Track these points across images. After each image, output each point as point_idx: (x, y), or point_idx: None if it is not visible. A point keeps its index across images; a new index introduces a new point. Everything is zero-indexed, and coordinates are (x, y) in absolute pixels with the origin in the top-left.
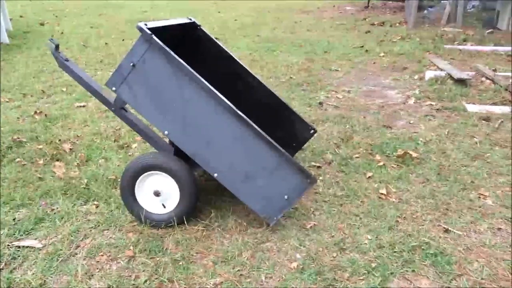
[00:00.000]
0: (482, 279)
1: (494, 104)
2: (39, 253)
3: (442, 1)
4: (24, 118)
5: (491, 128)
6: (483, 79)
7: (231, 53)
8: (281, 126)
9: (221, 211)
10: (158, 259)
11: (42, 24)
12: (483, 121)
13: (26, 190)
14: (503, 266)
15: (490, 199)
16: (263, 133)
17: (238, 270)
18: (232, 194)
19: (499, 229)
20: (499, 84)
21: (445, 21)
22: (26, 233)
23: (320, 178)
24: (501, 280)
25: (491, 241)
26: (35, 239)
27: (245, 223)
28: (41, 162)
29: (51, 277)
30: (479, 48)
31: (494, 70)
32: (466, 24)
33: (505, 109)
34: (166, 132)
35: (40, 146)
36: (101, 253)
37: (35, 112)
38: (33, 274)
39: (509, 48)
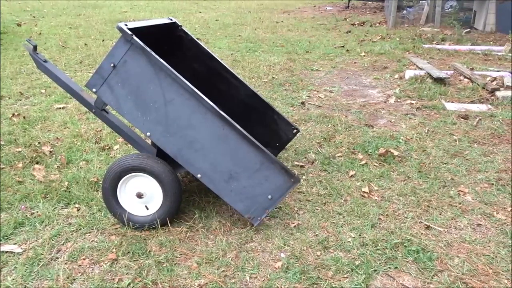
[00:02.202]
0: (462, 274)
1: (472, 102)
2: (19, 258)
3: (420, 1)
4: (1, 121)
5: (470, 126)
6: (461, 78)
7: (212, 53)
8: (264, 126)
9: (204, 212)
10: (141, 261)
11: (19, 25)
12: (462, 119)
13: (5, 194)
14: (483, 261)
15: (470, 196)
16: (246, 133)
17: (223, 271)
18: (215, 195)
19: (479, 225)
20: (476, 82)
21: (423, 21)
22: (6, 238)
23: (304, 177)
24: (481, 275)
25: (471, 236)
26: (15, 243)
27: (229, 224)
28: (20, 165)
29: (32, 282)
30: (457, 47)
31: (472, 69)
32: (444, 24)
33: (483, 107)
34: (148, 133)
35: (19, 149)
36: (83, 257)
37: (13, 115)
38: (13, 279)
39: (485, 47)
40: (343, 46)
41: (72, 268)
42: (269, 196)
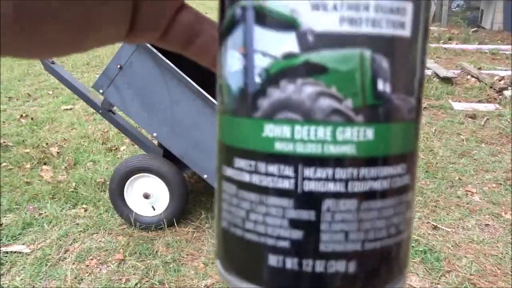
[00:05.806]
0: (470, 275)
1: (480, 101)
2: (27, 258)
3: None
4: (10, 122)
5: (477, 126)
6: (468, 77)
7: None
8: None
9: (211, 213)
10: (148, 262)
11: None
12: (469, 119)
13: (13, 195)
14: (491, 261)
15: (478, 196)
16: None
17: None
18: None
19: (487, 225)
20: (484, 82)
21: (430, 20)
22: (14, 238)
23: None
24: (489, 276)
25: (479, 237)
26: (23, 244)
27: None
28: (28, 166)
29: (40, 282)
30: (464, 46)
31: (479, 68)
32: (451, 23)
33: (490, 106)
34: (154, 134)
35: (27, 150)
36: (91, 257)
37: (21, 116)
38: (22, 279)
39: (493, 46)
40: None
41: (80, 268)
42: None
